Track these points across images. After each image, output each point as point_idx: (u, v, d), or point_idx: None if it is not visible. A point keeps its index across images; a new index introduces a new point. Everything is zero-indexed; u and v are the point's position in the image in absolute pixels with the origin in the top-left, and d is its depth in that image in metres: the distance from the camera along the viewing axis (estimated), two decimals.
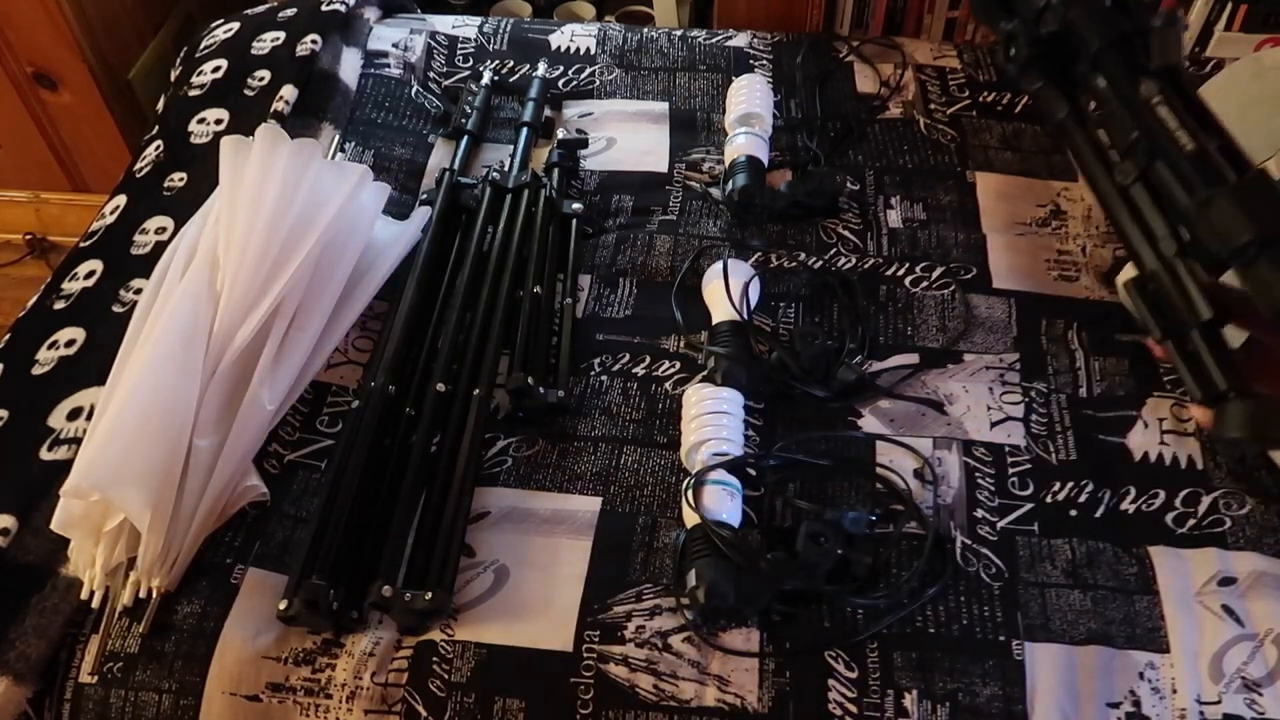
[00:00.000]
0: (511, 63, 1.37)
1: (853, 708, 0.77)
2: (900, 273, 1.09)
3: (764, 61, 1.38)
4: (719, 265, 1.03)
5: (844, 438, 0.94)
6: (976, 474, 0.91)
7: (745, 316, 1.00)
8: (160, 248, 1.03)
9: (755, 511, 0.88)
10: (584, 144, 1.24)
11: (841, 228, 1.14)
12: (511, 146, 1.22)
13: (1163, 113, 0.49)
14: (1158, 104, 0.49)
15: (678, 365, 1.00)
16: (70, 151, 1.70)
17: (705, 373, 0.98)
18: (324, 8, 1.34)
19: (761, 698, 0.78)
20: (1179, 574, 0.84)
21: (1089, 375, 0.99)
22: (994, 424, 0.95)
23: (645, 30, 1.43)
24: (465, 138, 1.23)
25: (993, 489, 0.90)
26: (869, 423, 0.95)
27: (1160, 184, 0.50)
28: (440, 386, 0.95)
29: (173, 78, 1.36)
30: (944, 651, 0.80)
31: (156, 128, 1.27)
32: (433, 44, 1.40)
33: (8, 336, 1.03)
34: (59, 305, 1.05)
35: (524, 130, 1.23)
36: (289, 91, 1.21)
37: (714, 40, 1.41)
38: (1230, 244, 0.45)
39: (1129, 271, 1.00)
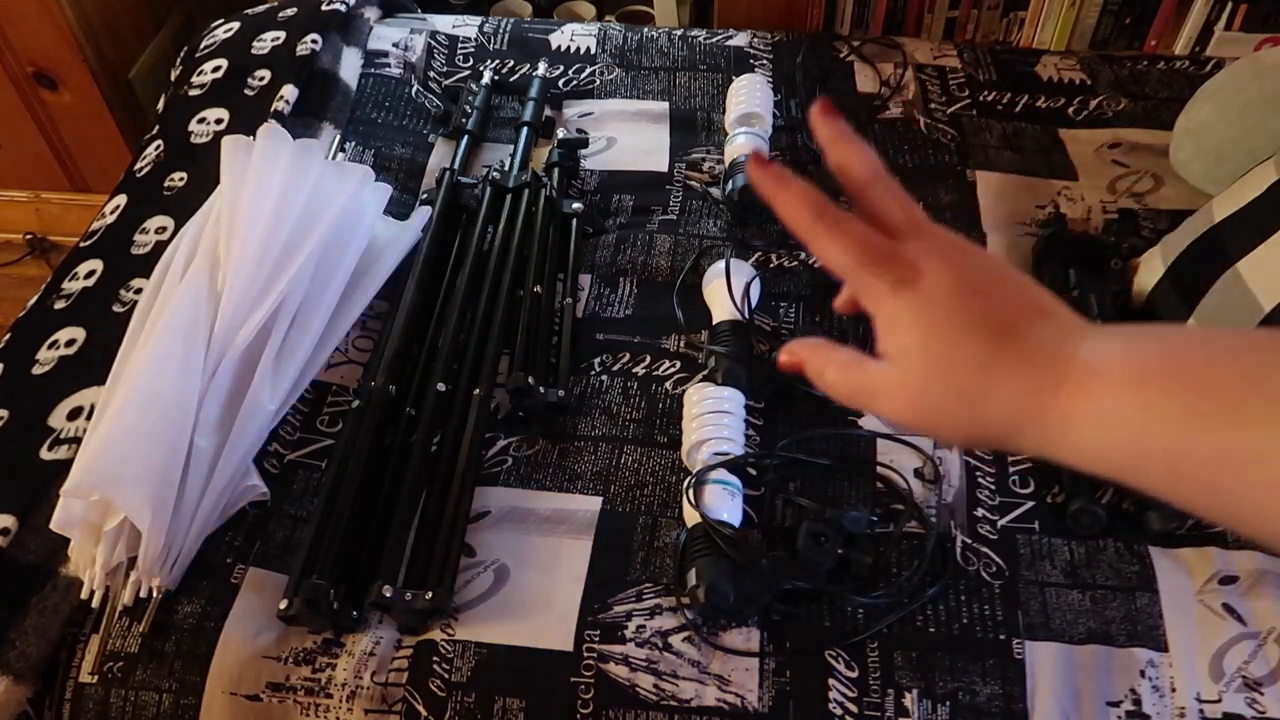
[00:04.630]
0: (512, 62, 1.37)
1: (853, 707, 0.77)
2: None
3: (764, 61, 1.38)
4: (720, 265, 1.03)
5: (844, 437, 0.94)
6: (977, 472, 0.91)
7: (746, 316, 1.00)
8: (160, 247, 1.03)
9: (756, 511, 0.88)
10: (584, 143, 1.24)
11: None
12: (511, 146, 1.22)
13: None
14: None
15: (678, 365, 1.00)
16: (70, 151, 1.70)
17: (706, 372, 0.98)
18: (324, 7, 1.34)
19: (762, 697, 0.78)
20: (1179, 572, 0.84)
21: None
22: None
23: (645, 30, 1.43)
24: (465, 137, 1.23)
25: (993, 487, 0.90)
26: (869, 421, 0.95)
27: None
28: (440, 386, 0.95)
29: (173, 77, 1.36)
30: (944, 651, 0.80)
31: (157, 127, 1.27)
32: (433, 44, 1.40)
33: (8, 336, 1.03)
34: (59, 305, 1.05)
35: (524, 130, 1.23)
36: (289, 91, 1.21)
37: (714, 40, 1.41)
38: None
39: (1145, 274, 1.00)
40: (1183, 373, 0.34)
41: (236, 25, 1.37)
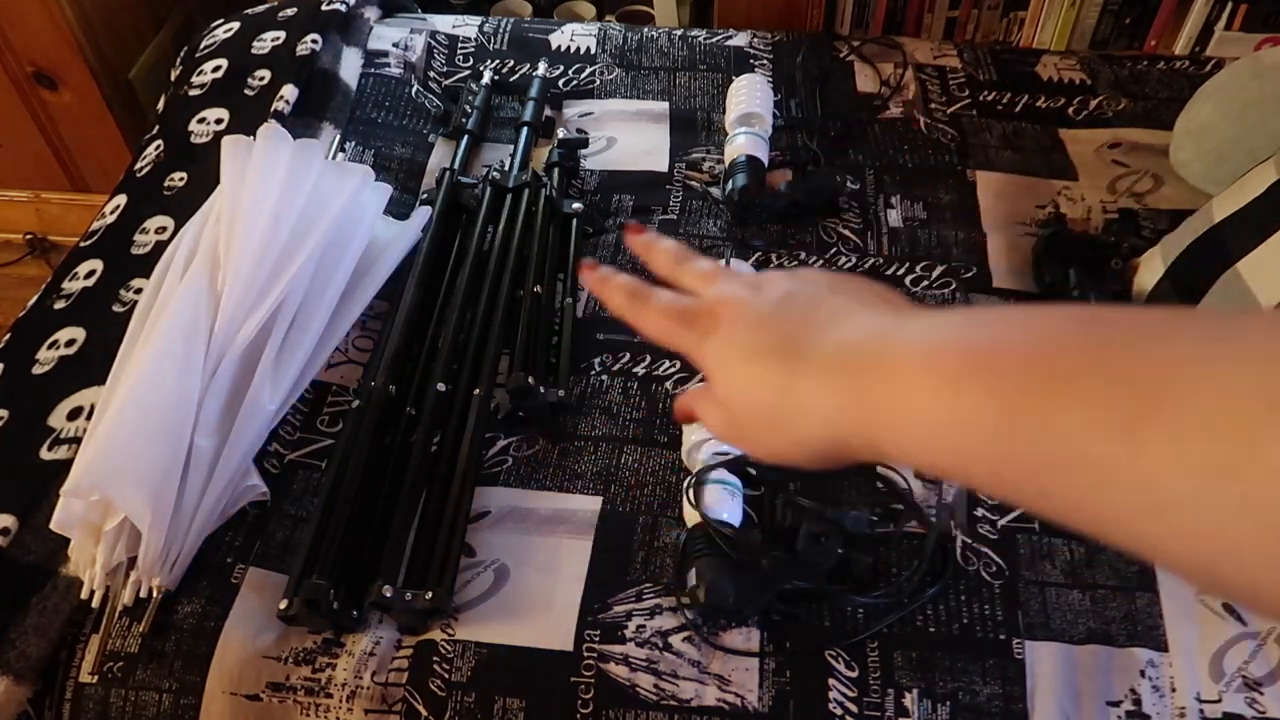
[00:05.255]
0: (512, 62, 1.37)
1: (853, 707, 0.77)
2: (900, 272, 1.09)
3: (764, 61, 1.38)
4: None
5: None
6: None
7: None
8: (160, 247, 1.03)
9: (756, 511, 0.88)
10: (584, 143, 1.24)
11: (842, 227, 1.14)
12: (512, 146, 1.22)
13: None
14: None
15: (678, 365, 1.00)
16: (70, 151, 1.70)
17: None
18: (324, 7, 1.34)
19: (762, 697, 0.78)
20: None
21: None
22: None
23: (645, 30, 1.43)
24: (465, 137, 1.23)
25: None
26: None
27: None
28: (440, 386, 0.95)
29: (173, 77, 1.36)
30: (944, 651, 0.80)
31: (157, 127, 1.27)
32: (433, 43, 1.40)
33: (8, 336, 1.03)
34: (59, 305, 1.05)
35: (524, 130, 1.23)
36: (289, 91, 1.21)
37: (714, 40, 1.41)
38: None
39: (1145, 274, 1.00)
40: (999, 368, 0.30)
41: (236, 25, 1.37)
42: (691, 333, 0.41)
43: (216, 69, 1.30)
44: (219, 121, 1.22)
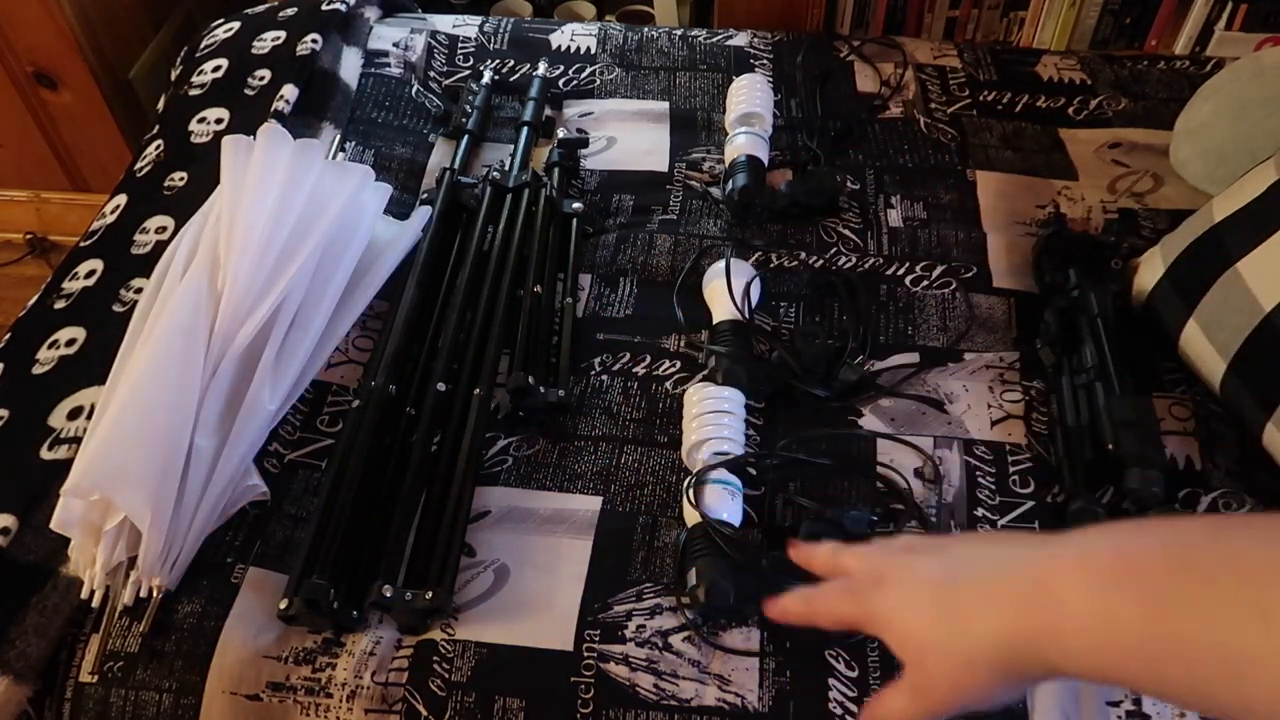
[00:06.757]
0: (512, 62, 1.37)
1: (853, 707, 0.77)
2: (900, 272, 1.09)
3: (764, 61, 1.38)
4: (720, 264, 1.03)
5: (845, 437, 0.94)
6: (977, 472, 0.91)
7: (746, 316, 1.00)
8: (161, 247, 1.03)
9: (756, 510, 0.88)
10: (584, 143, 1.24)
11: (842, 227, 1.14)
12: (512, 146, 1.22)
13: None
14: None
15: (678, 365, 1.00)
16: (70, 151, 1.70)
17: (706, 372, 0.98)
18: (324, 7, 1.34)
19: (762, 697, 0.78)
20: None
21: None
22: (994, 422, 0.95)
23: (645, 30, 1.43)
24: (465, 137, 1.23)
25: (993, 488, 0.90)
26: (869, 421, 0.95)
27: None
28: (440, 386, 0.95)
29: (173, 77, 1.37)
30: None
31: (157, 127, 1.27)
32: (433, 43, 1.40)
33: (8, 336, 1.03)
34: (59, 305, 1.05)
35: (524, 130, 1.23)
36: (289, 91, 1.21)
37: (714, 40, 1.41)
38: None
39: (1145, 274, 1.00)
40: (1143, 570, 0.35)
41: (236, 25, 1.37)
42: (854, 600, 0.47)
43: (216, 69, 1.30)
44: (219, 121, 1.23)
